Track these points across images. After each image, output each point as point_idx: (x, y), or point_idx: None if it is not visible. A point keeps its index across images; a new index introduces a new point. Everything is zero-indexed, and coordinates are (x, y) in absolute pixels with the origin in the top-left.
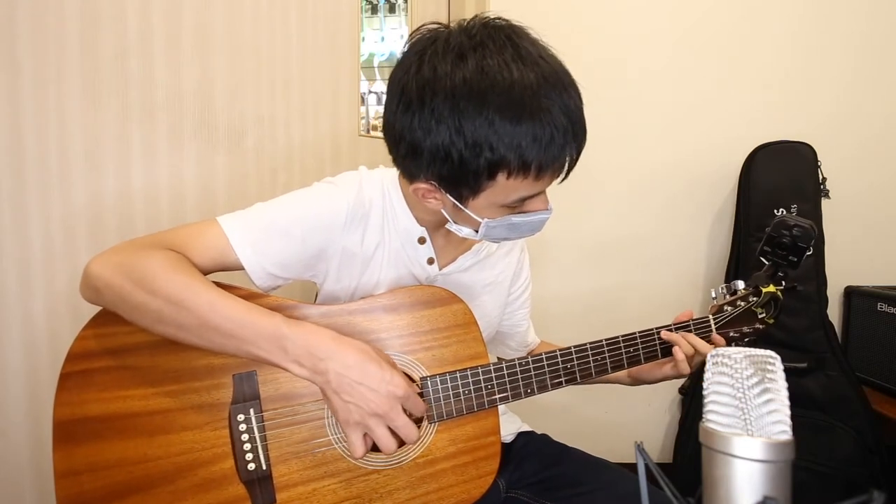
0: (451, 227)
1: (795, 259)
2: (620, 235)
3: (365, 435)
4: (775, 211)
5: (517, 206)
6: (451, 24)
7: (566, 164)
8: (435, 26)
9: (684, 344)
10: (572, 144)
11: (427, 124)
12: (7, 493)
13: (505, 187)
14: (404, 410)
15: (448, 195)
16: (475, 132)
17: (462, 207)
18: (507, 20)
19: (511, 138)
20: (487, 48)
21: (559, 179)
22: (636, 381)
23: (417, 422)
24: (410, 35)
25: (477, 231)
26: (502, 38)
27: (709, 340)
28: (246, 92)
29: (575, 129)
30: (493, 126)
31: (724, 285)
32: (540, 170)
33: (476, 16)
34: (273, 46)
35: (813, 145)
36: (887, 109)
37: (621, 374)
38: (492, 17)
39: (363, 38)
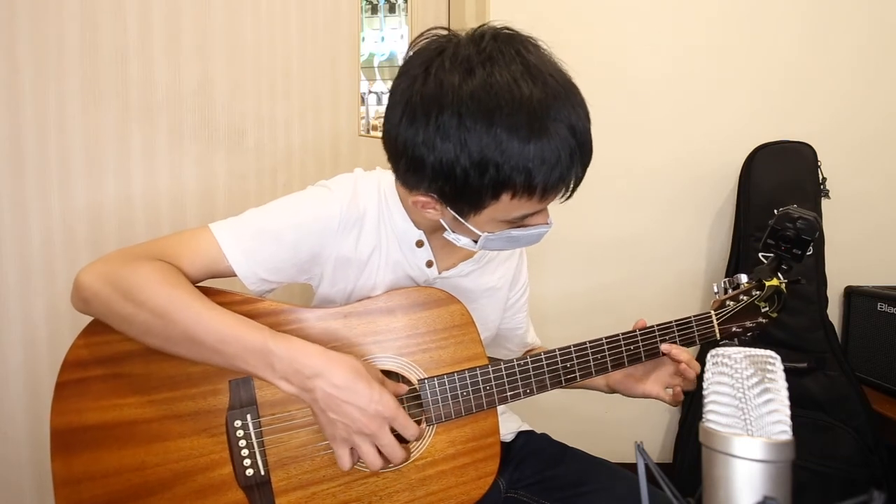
0: (449, 236)
1: (799, 252)
2: (620, 235)
3: (352, 449)
4: (775, 211)
5: (518, 222)
6: (460, 32)
7: (571, 185)
8: (444, 33)
9: (686, 357)
10: (578, 165)
11: (432, 140)
12: (7, 494)
13: (508, 206)
14: (393, 430)
15: (449, 209)
16: (482, 151)
17: (462, 221)
18: (516, 31)
19: (518, 159)
20: (496, 62)
21: (563, 199)
22: (612, 391)
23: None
24: (414, 41)
25: (476, 242)
26: (511, 52)
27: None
28: (246, 92)
29: (582, 150)
30: (500, 146)
31: (726, 279)
32: (545, 191)
33: (485, 25)
34: (273, 46)
35: (813, 145)
36: (887, 109)
37: (599, 381)
38: (500, 26)
39: (363, 38)
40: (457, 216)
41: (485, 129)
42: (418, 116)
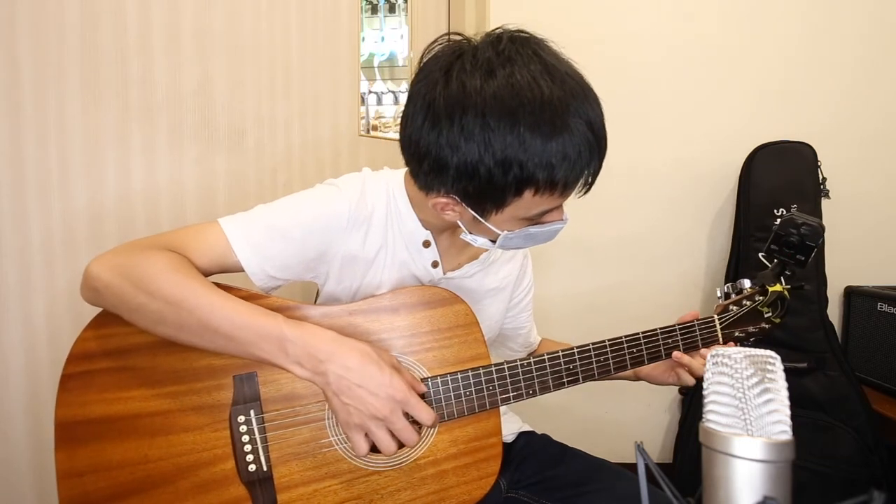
0: (466, 236)
1: (803, 258)
2: (621, 235)
3: (366, 434)
4: (775, 211)
5: (536, 219)
6: (474, 37)
7: (590, 179)
8: (457, 38)
9: (698, 368)
10: (596, 159)
11: (455, 141)
12: (7, 494)
13: (530, 203)
14: (407, 414)
15: (469, 209)
16: (505, 150)
17: (482, 221)
18: (530, 33)
19: (541, 156)
20: (516, 63)
21: (581, 193)
22: (639, 379)
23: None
24: (428, 47)
25: (494, 241)
26: (529, 52)
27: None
28: (246, 92)
29: (599, 144)
30: (523, 144)
31: (729, 284)
32: (566, 187)
33: (499, 28)
34: (273, 46)
35: (813, 145)
36: (887, 109)
37: (627, 372)
38: (514, 29)
39: (363, 38)
40: (477, 216)
41: (508, 129)
42: (441, 119)
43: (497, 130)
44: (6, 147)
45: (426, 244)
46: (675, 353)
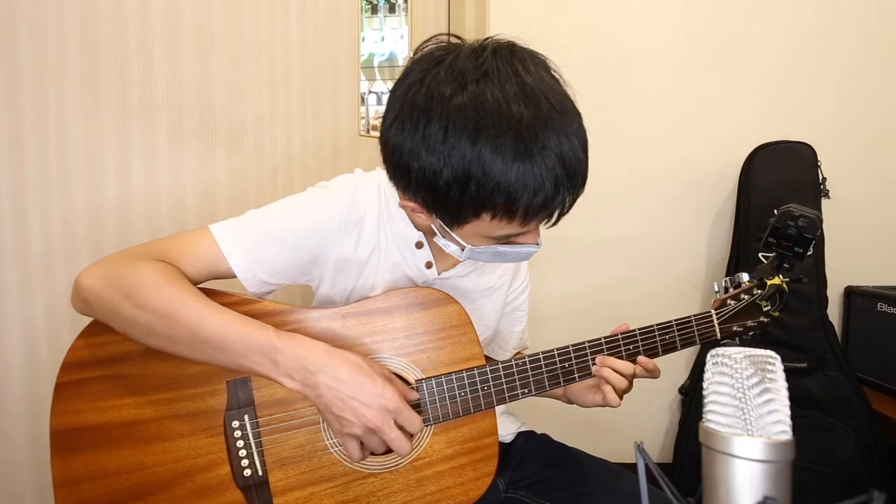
0: (439, 241)
1: (801, 250)
2: (620, 235)
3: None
4: (775, 211)
5: (504, 239)
6: (465, 42)
7: (556, 213)
8: (451, 41)
9: (614, 378)
10: (566, 194)
11: (417, 149)
12: (7, 493)
13: (489, 225)
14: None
15: (435, 217)
16: (465, 167)
17: (448, 230)
18: (520, 47)
19: (500, 180)
20: (491, 79)
21: (548, 225)
22: (569, 402)
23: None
24: (420, 46)
25: (463, 250)
26: (509, 70)
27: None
28: (246, 92)
29: (571, 179)
30: (483, 164)
31: (727, 278)
32: (526, 216)
33: (489, 38)
34: (273, 46)
35: (813, 145)
36: (887, 109)
37: (558, 391)
38: (504, 41)
39: (363, 38)
40: (443, 225)
41: (469, 145)
42: (407, 124)
43: (457, 145)
44: (6, 147)
45: (419, 245)
46: (595, 367)
